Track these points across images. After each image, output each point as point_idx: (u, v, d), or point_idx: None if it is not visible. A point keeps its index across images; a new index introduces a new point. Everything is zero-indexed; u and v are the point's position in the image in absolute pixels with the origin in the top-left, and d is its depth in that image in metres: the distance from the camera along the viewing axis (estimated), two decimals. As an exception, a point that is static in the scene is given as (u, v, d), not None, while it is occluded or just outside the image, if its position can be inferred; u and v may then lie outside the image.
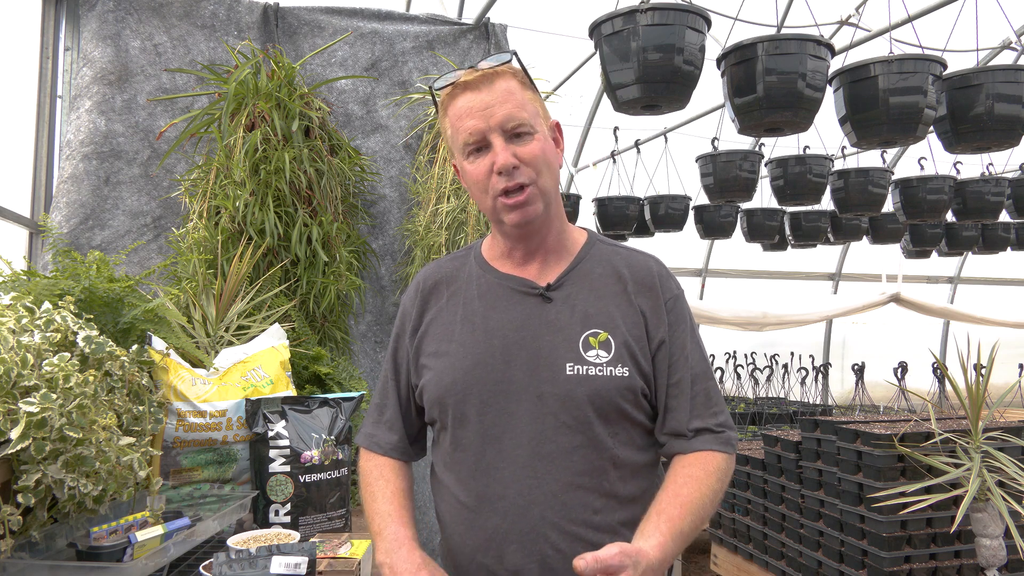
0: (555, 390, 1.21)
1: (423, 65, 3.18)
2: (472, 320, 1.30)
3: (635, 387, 1.23)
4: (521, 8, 4.20)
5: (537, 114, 1.27)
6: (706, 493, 1.19)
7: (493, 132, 1.21)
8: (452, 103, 1.26)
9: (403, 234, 3.04)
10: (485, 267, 1.36)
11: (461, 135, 1.24)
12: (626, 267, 1.32)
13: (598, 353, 1.23)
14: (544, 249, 1.32)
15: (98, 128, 2.63)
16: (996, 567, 2.58)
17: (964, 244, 5.79)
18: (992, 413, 3.36)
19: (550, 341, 1.24)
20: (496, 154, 1.21)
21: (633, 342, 1.25)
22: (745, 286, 7.98)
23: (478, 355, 1.26)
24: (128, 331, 1.78)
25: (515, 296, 1.30)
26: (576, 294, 1.29)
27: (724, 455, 1.25)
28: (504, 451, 1.22)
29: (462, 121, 1.23)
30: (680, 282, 1.38)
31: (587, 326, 1.25)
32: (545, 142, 1.26)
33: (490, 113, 1.21)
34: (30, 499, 1.13)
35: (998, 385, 5.92)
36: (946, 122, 3.03)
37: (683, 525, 1.14)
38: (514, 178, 1.21)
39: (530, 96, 1.27)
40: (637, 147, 5.66)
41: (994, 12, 3.46)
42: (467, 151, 1.24)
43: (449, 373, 1.27)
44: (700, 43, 2.57)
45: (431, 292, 1.38)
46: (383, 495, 1.30)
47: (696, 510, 1.17)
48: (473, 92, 1.23)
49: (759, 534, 3.91)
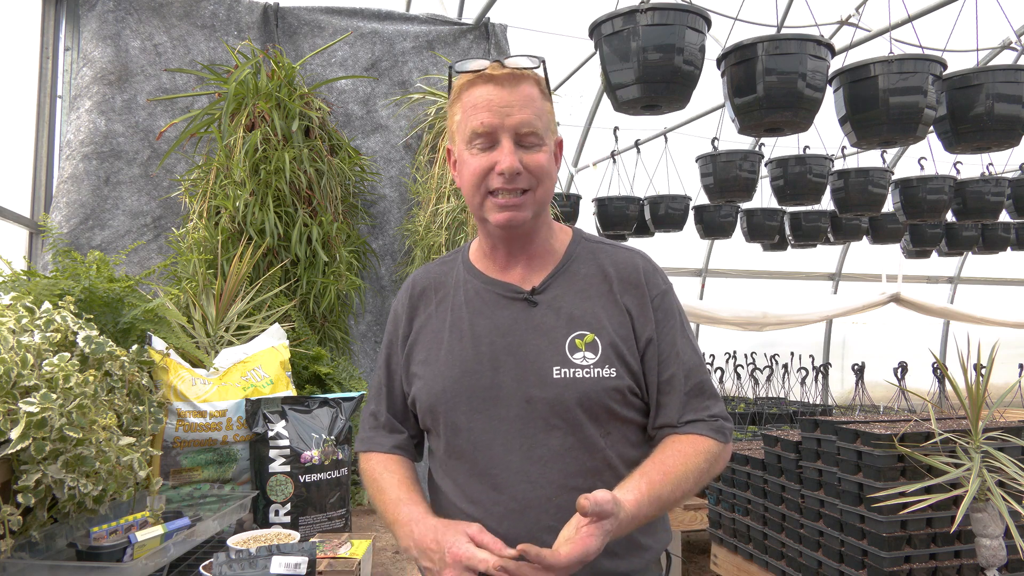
0: (543, 394, 1.21)
1: (423, 65, 3.18)
2: (459, 327, 1.29)
3: (623, 387, 1.23)
4: (521, 8, 4.20)
5: (548, 127, 1.26)
6: (690, 468, 1.19)
7: (505, 132, 1.21)
8: (470, 90, 1.24)
9: (403, 234, 3.04)
10: (472, 271, 1.36)
11: (471, 124, 1.22)
12: (612, 265, 1.31)
13: (585, 355, 1.23)
14: (527, 254, 1.32)
15: (98, 128, 2.63)
16: (996, 567, 2.58)
17: (964, 244, 5.80)
18: (992, 413, 3.36)
19: (536, 345, 1.24)
20: (503, 155, 1.20)
21: (620, 342, 1.24)
22: (745, 286, 7.98)
23: (465, 362, 1.26)
24: (128, 331, 1.78)
25: (501, 301, 1.29)
26: (561, 296, 1.28)
27: (715, 441, 1.25)
28: (496, 457, 1.22)
29: (477, 111, 1.22)
30: (680, 282, 1.38)
31: (573, 328, 1.25)
32: (550, 156, 1.26)
33: (507, 113, 1.20)
34: (30, 499, 1.13)
35: (998, 385, 5.93)
36: (946, 122, 3.03)
37: (662, 490, 1.15)
38: (514, 183, 1.21)
39: (547, 107, 1.27)
40: (637, 147, 5.66)
41: (994, 12, 3.46)
42: (472, 142, 1.23)
43: (439, 381, 1.27)
44: (700, 43, 2.57)
45: (420, 298, 1.38)
46: (391, 484, 1.29)
47: (678, 480, 1.17)
48: (495, 87, 1.21)
49: (759, 534, 3.91)
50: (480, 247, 1.37)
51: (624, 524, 1.08)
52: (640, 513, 1.11)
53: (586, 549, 1.03)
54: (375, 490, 1.32)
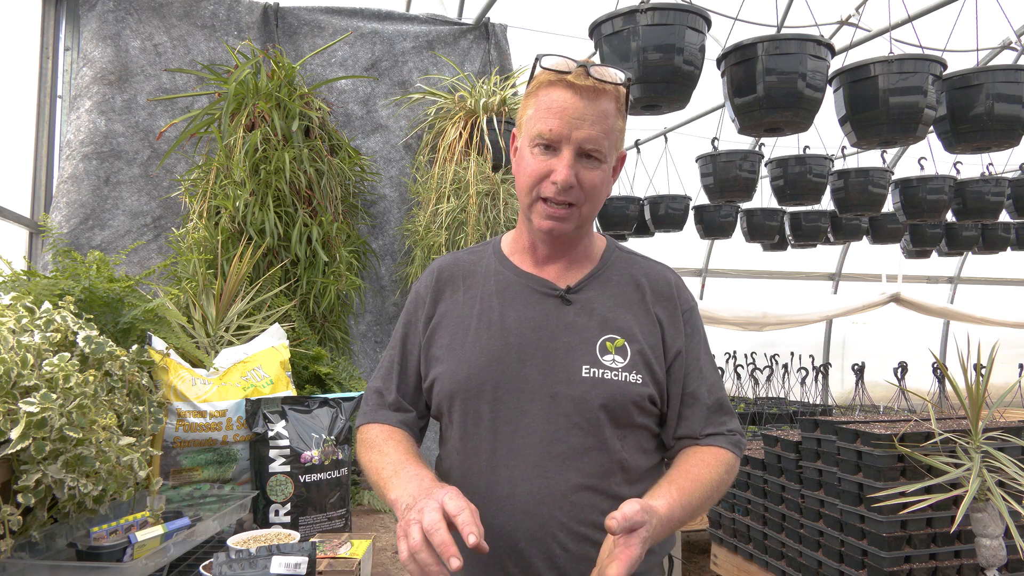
0: (569, 391, 1.22)
1: (423, 65, 3.18)
2: (489, 316, 1.29)
3: (646, 395, 1.24)
4: (521, 8, 4.20)
5: (615, 145, 1.26)
6: (714, 477, 1.22)
7: (569, 143, 1.20)
8: (550, 90, 1.22)
9: (403, 234, 3.04)
10: (504, 262, 1.36)
11: (540, 125, 1.22)
12: (644, 276, 1.33)
13: (614, 358, 1.24)
14: (567, 257, 1.33)
15: (98, 128, 2.63)
16: (996, 567, 2.58)
17: (964, 244, 5.79)
18: (992, 413, 3.36)
19: (567, 343, 1.25)
20: (560, 166, 1.20)
21: (649, 350, 1.26)
22: (745, 286, 7.98)
23: (493, 352, 1.26)
24: (128, 331, 1.78)
25: (534, 296, 1.30)
26: (595, 299, 1.29)
27: (732, 454, 1.28)
28: (516, 449, 1.22)
29: (550, 114, 1.21)
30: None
31: (605, 331, 1.26)
32: (607, 174, 1.26)
33: (577, 125, 1.19)
34: (30, 499, 1.13)
35: (998, 385, 5.93)
36: (946, 122, 3.03)
37: (691, 497, 1.16)
38: (565, 195, 1.22)
39: (620, 126, 1.26)
40: (637, 147, 5.66)
41: (994, 12, 3.46)
42: (536, 143, 1.23)
43: (464, 368, 1.27)
44: (700, 43, 2.57)
45: (447, 283, 1.37)
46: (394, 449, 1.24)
47: (705, 487, 1.19)
48: (574, 94, 1.20)
49: (759, 534, 3.90)
50: (517, 240, 1.37)
51: (658, 530, 1.08)
52: (673, 517, 1.12)
53: (631, 560, 1.01)
54: (375, 453, 1.25)
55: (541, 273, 1.33)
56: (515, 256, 1.36)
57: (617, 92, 1.24)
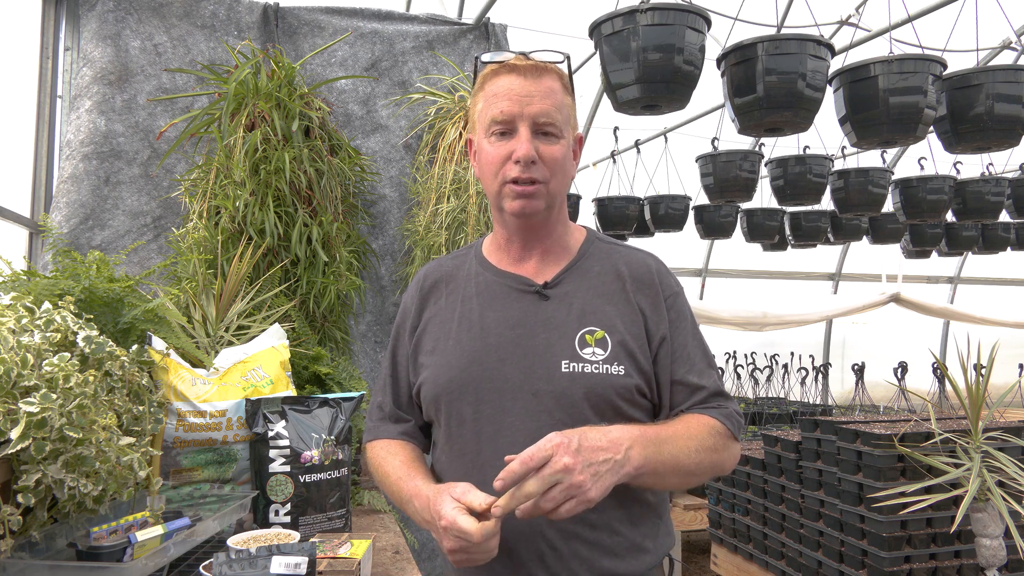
0: (550, 387, 1.21)
1: (423, 65, 3.18)
2: (469, 318, 1.30)
3: (631, 385, 1.23)
4: (521, 8, 4.20)
5: (568, 121, 1.28)
6: (693, 437, 1.18)
7: (523, 121, 1.22)
8: (494, 80, 1.25)
9: (403, 234, 3.04)
10: (484, 264, 1.36)
11: (491, 112, 1.24)
12: (625, 265, 1.32)
13: (594, 351, 1.23)
14: (542, 248, 1.33)
15: (98, 128, 2.63)
16: (996, 567, 2.58)
17: (964, 244, 5.79)
18: (992, 413, 3.36)
19: (546, 339, 1.24)
20: (519, 143, 1.21)
21: (631, 340, 1.25)
22: (745, 286, 7.98)
23: (473, 353, 1.26)
24: (128, 331, 1.78)
25: (512, 294, 1.30)
26: (574, 292, 1.29)
27: (722, 423, 1.25)
28: (500, 449, 1.22)
29: (497, 100, 1.23)
30: (680, 282, 1.38)
31: (583, 324, 1.25)
32: (567, 150, 1.27)
33: (527, 102, 1.22)
34: (30, 499, 1.13)
35: (998, 385, 5.93)
36: (946, 122, 3.03)
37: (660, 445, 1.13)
38: (529, 171, 1.22)
39: (568, 102, 1.28)
40: (637, 147, 5.66)
41: (994, 12, 3.46)
42: (491, 130, 1.24)
43: (445, 371, 1.28)
44: (700, 43, 2.57)
45: (431, 290, 1.39)
46: (393, 467, 1.30)
47: (680, 442, 1.16)
48: (518, 77, 1.23)
49: (759, 534, 3.91)
50: (495, 240, 1.38)
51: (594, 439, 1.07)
52: (633, 446, 1.09)
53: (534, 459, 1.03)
54: (381, 475, 1.32)
55: (519, 270, 1.33)
56: (493, 256, 1.37)
57: (559, 71, 1.27)
